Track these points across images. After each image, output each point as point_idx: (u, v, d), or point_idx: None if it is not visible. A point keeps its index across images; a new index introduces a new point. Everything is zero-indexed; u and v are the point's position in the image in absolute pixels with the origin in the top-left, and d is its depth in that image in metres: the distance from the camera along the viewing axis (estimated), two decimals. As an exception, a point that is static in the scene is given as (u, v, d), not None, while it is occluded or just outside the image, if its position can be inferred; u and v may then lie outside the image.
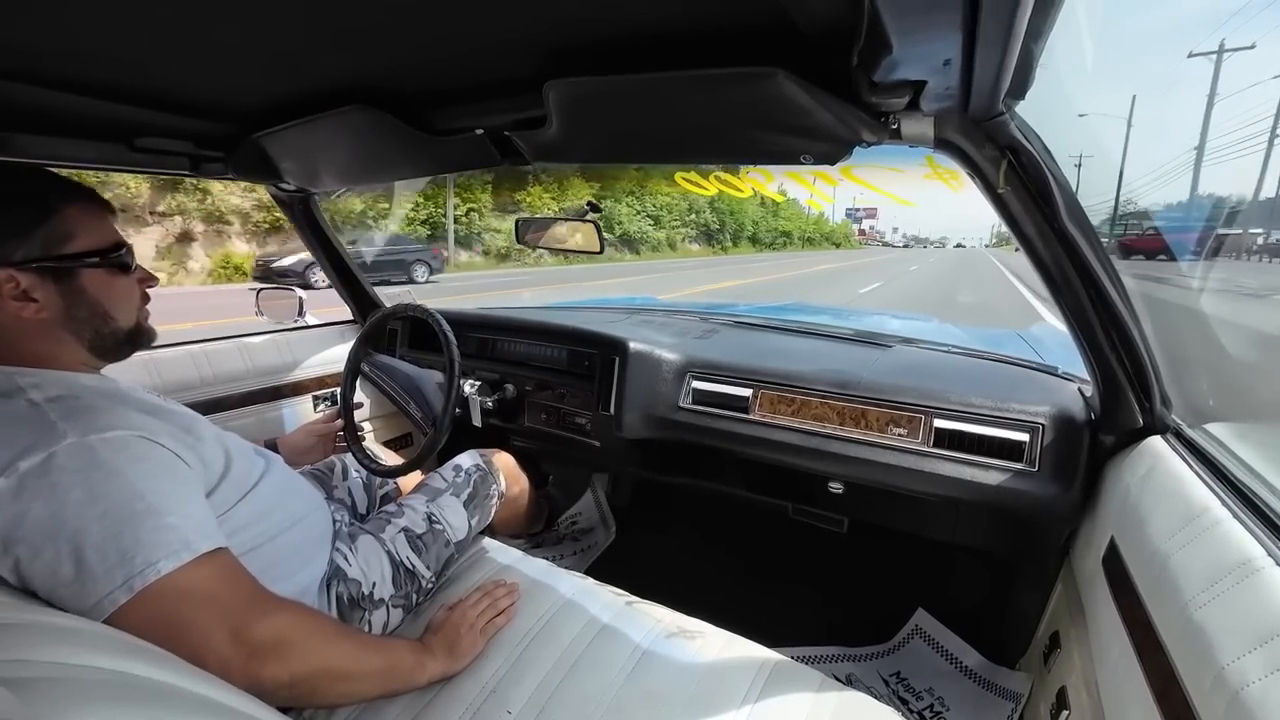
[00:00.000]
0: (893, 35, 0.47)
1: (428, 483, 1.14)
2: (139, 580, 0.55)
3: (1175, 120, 57.07)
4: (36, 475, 0.55)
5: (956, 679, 1.27)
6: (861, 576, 1.58)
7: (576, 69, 0.70)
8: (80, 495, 0.55)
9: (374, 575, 0.92)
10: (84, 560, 0.54)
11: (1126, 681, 0.62)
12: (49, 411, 0.59)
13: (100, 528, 0.55)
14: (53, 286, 0.65)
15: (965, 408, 1.06)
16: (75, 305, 0.67)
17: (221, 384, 1.47)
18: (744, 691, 0.77)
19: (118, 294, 0.71)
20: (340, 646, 0.70)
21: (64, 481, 0.55)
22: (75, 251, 0.66)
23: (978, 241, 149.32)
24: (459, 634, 0.84)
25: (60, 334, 0.67)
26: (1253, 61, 36.95)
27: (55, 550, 0.54)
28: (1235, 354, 2.35)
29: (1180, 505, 0.67)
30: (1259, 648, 0.45)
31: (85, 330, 0.69)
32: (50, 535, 0.54)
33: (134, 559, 0.55)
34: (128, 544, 0.56)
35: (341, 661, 0.69)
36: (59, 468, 0.56)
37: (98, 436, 0.58)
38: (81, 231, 0.67)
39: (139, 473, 0.59)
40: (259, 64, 0.80)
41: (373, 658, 0.74)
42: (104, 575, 0.54)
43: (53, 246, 0.65)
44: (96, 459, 0.57)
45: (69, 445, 0.57)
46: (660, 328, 1.62)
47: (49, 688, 0.37)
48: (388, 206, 14.90)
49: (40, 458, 0.56)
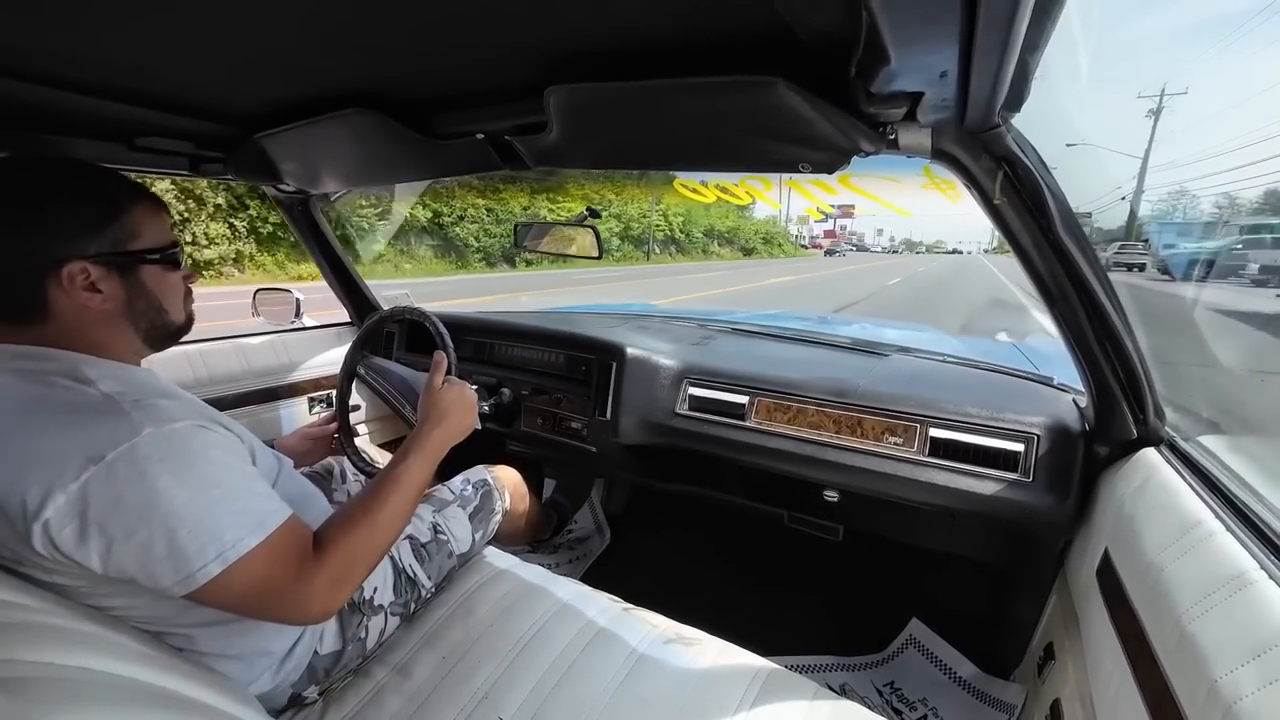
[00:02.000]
0: (891, 46, 0.48)
1: (434, 494, 1.14)
2: (232, 553, 0.61)
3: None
4: (126, 462, 0.58)
5: (950, 689, 1.27)
6: (856, 585, 1.57)
7: (578, 75, 0.71)
8: (167, 481, 0.59)
9: (375, 580, 0.91)
10: (176, 539, 0.58)
11: (1120, 694, 0.61)
12: (120, 402, 0.63)
13: (190, 509, 0.60)
14: (118, 280, 0.69)
15: (961, 417, 1.06)
16: (135, 298, 0.71)
17: (217, 384, 1.47)
18: (737, 700, 0.77)
19: (171, 289, 0.76)
20: (376, 541, 0.75)
21: (151, 469, 0.59)
22: (139, 249, 0.71)
23: (975, 246, 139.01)
24: (448, 410, 0.92)
25: (120, 323, 0.71)
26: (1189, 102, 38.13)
27: (149, 531, 0.58)
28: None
29: (1174, 517, 0.67)
30: (1252, 661, 0.45)
31: (142, 321, 0.73)
32: (145, 517, 0.58)
33: (223, 536, 0.61)
34: (215, 524, 0.61)
35: (383, 545, 0.75)
36: (144, 456, 0.59)
37: (170, 427, 0.63)
38: (145, 230, 0.72)
39: (210, 459, 0.64)
40: (261, 66, 0.80)
41: (401, 510, 0.79)
42: (197, 552, 0.59)
43: (120, 243, 0.69)
44: (175, 447, 0.62)
45: (149, 435, 0.60)
46: (658, 333, 1.62)
47: (36, 688, 0.36)
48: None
49: (126, 446, 0.59)
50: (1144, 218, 27.51)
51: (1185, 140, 44.31)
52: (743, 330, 1.75)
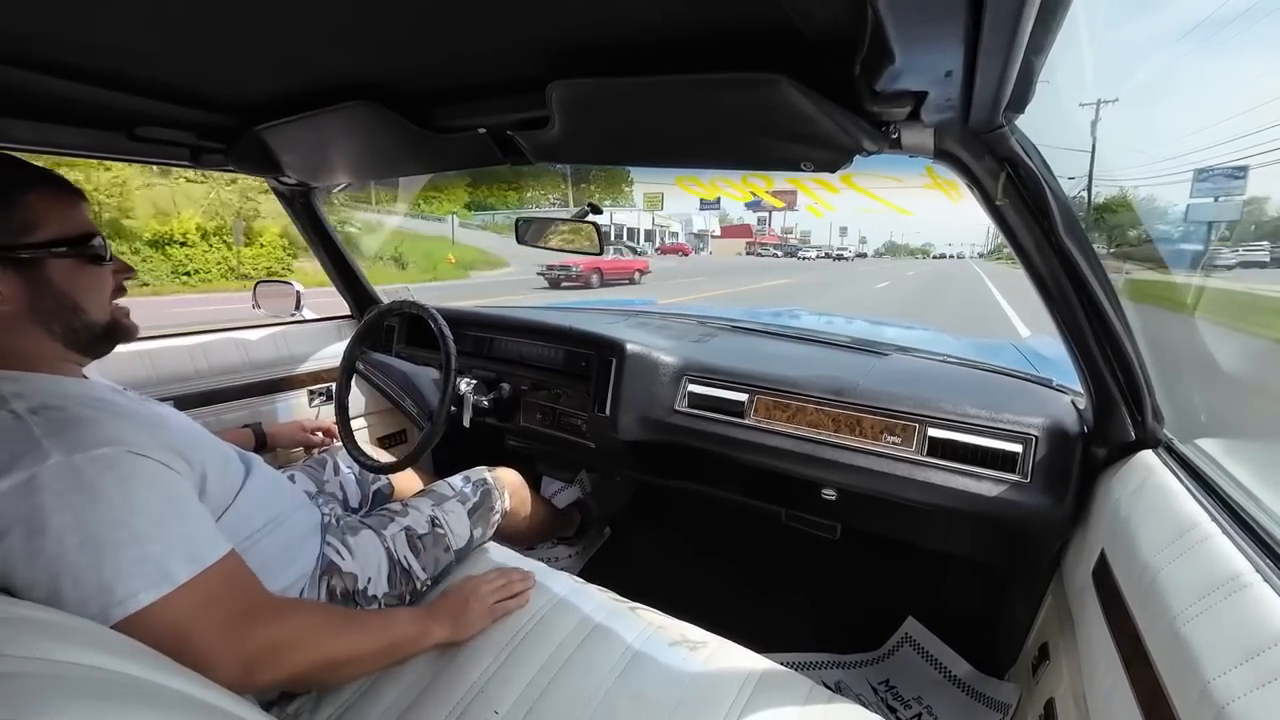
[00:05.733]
0: (895, 45, 0.48)
1: (434, 489, 1.14)
2: (118, 610, 0.54)
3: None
4: (17, 497, 0.53)
5: (945, 688, 1.27)
6: (853, 583, 1.58)
7: (581, 71, 0.71)
8: (61, 520, 0.53)
9: (370, 571, 0.91)
10: (60, 589, 0.52)
11: (1114, 694, 0.62)
12: (33, 426, 0.57)
13: (80, 556, 0.53)
14: (15, 277, 0.63)
15: (959, 417, 1.06)
16: (40, 296, 0.65)
17: (216, 376, 1.46)
18: (733, 696, 0.77)
19: (87, 285, 0.69)
20: (339, 638, 0.69)
21: (47, 504, 0.53)
22: (40, 241, 0.64)
23: (969, 249, 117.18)
24: (468, 604, 0.85)
25: (27, 326, 0.65)
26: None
27: (31, 576, 0.52)
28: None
29: (1170, 519, 0.67)
30: (1246, 662, 0.46)
31: (54, 323, 0.67)
32: (27, 561, 0.52)
33: (114, 590, 0.54)
34: (108, 574, 0.54)
35: (342, 651, 0.69)
36: (42, 488, 0.53)
37: (83, 455, 0.56)
38: (48, 220, 0.65)
39: (124, 495, 0.57)
40: (263, 57, 0.80)
41: (375, 638, 0.74)
42: (78, 606, 0.52)
43: (14, 236, 0.63)
44: (81, 481, 0.55)
45: (54, 465, 0.54)
46: (657, 330, 1.62)
47: (28, 683, 0.36)
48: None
49: (23, 477, 0.53)
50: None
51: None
52: (743, 328, 1.75)
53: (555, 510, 1.59)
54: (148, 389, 1.30)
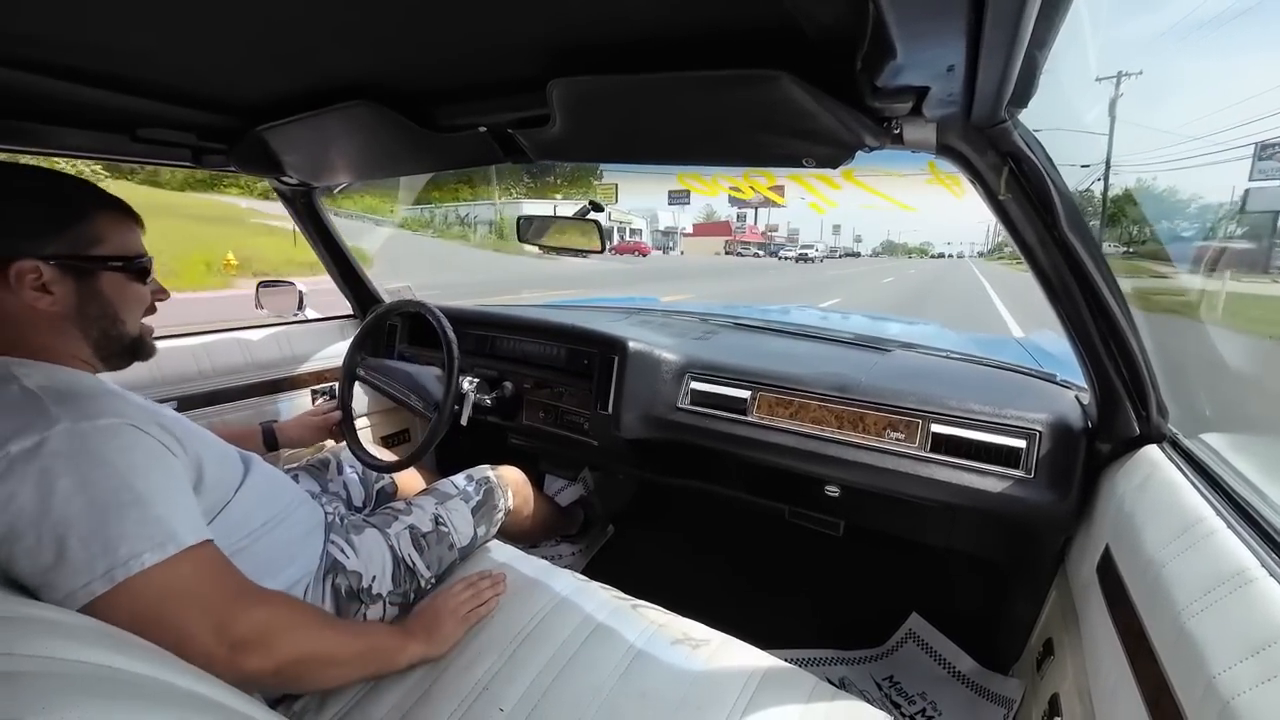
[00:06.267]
0: (897, 40, 0.48)
1: (437, 487, 1.14)
2: (121, 571, 0.55)
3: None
4: (25, 459, 0.55)
5: (949, 684, 1.27)
6: (857, 580, 1.58)
7: (581, 69, 0.70)
8: (69, 482, 0.55)
9: (374, 569, 0.92)
10: (66, 548, 0.54)
11: (1119, 689, 0.62)
12: (43, 397, 0.60)
13: (87, 516, 0.55)
14: (72, 284, 0.69)
15: (963, 413, 1.06)
16: (87, 303, 0.70)
17: (220, 377, 1.47)
18: (737, 693, 0.77)
19: (130, 299, 0.75)
20: (322, 634, 0.71)
21: (54, 467, 0.55)
22: (100, 254, 0.71)
23: (968, 248, 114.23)
24: (439, 619, 0.86)
25: (67, 328, 0.70)
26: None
27: (38, 536, 0.54)
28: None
29: (1175, 514, 0.67)
30: (1251, 657, 0.46)
31: (93, 329, 0.72)
32: (35, 521, 0.54)
33: (118, 550, 0.55)
34: (113, 534, 0.56)
35: (323, 648, 0.70)
36: (50, 452, 0.56)
37: (90, 423, 0.59)
38: (110, 238, 0.72)
39: (129, 462, 0.60)
40: (264, 58, 0.80)
41: (353, 642, 0.76)
42: (85, 565, 0.54)
43: (80, 247, 0.69)
44: (88, 445, 0.58)
45: (61, 430, 0.57)
46: (660, 328, 1.62)
47: (34, 681, 0.36)
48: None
49: (32, 441, 0.56)
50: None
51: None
52: (745, 325, 1.75)
53: (558, 508, 1.59)
54: (152, 390, 1.31)
